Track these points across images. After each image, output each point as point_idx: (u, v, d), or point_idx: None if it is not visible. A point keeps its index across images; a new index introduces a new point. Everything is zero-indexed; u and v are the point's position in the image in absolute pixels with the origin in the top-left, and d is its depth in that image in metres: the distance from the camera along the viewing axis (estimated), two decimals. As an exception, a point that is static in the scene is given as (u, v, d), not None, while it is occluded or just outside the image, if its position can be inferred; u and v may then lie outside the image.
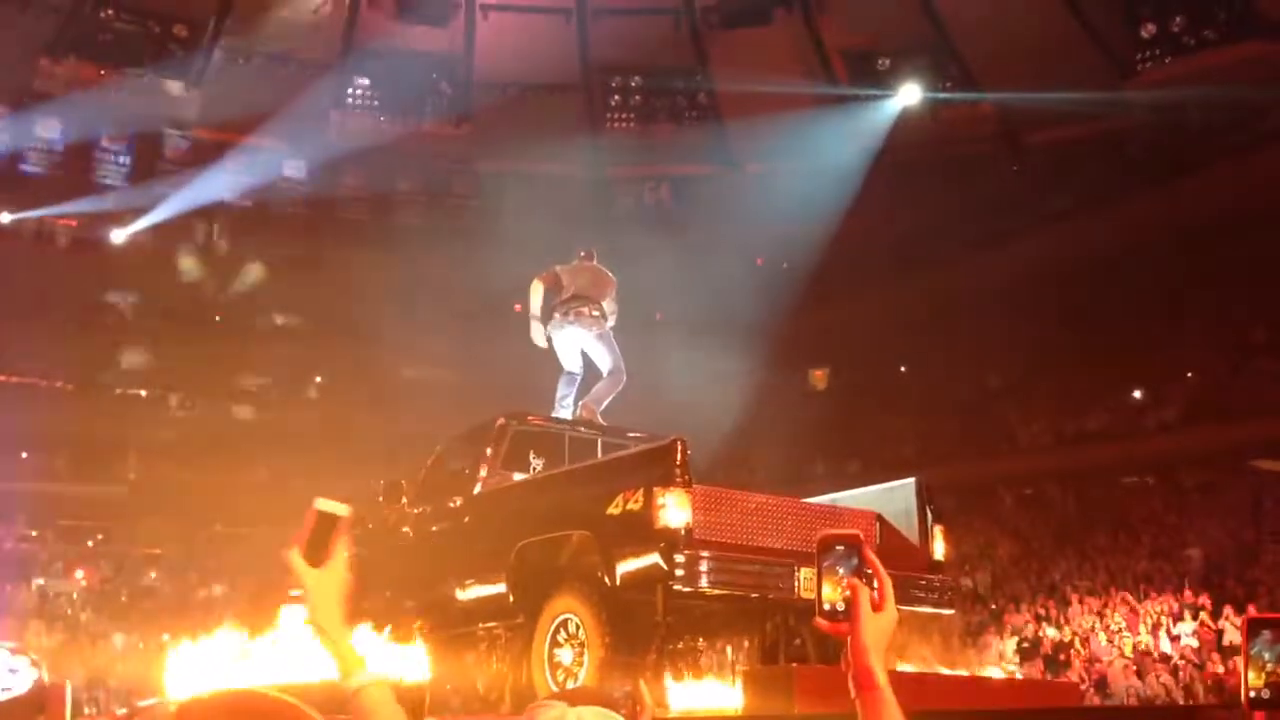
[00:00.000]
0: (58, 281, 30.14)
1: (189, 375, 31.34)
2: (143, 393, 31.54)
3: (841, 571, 1.86)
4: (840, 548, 1.87)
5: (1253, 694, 2.08)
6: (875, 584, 1.87)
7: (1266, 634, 2.07)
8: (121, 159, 29.31)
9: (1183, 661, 16.89)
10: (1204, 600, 18.32)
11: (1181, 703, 15.09)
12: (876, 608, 1.85)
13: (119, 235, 30.36)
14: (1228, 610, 17.58)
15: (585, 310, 9.49)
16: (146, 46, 28.08)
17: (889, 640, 1.85)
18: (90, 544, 29.91)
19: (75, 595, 27.11)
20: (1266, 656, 2.05)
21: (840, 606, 1.85)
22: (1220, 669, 16.10)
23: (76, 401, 30.25)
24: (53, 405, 29.68)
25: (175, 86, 28.44)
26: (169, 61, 28.16)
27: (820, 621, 1.88)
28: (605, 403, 9.24)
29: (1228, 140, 24.86)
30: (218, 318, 32.09)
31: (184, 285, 30.63)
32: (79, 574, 28.13)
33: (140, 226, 29.78)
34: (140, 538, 29.67)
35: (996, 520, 25.43)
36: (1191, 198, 24.53)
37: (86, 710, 17.52)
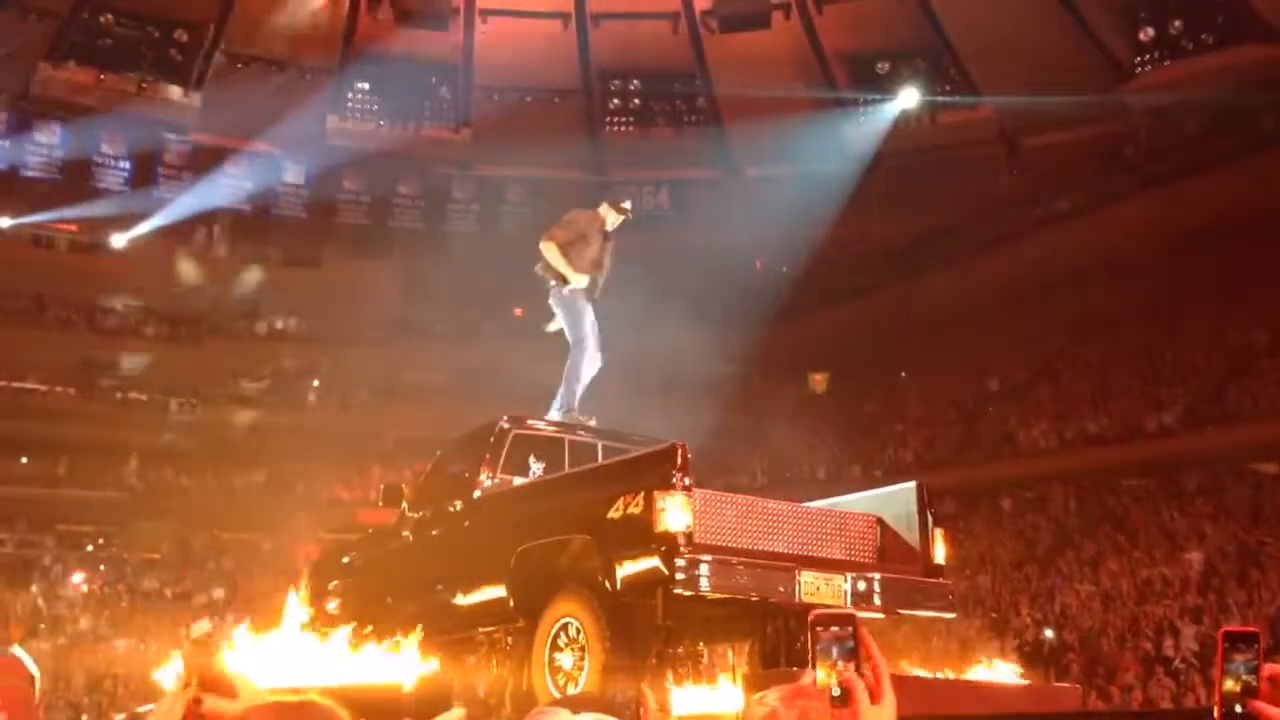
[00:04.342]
0: (57, 286, 30.19)
1: (188, 380, 31.36)
2: (143, 397, 31.54)
3: (835, 653, 1.80)
4: (835, 628, 1.80)
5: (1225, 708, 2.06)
6: (870, 670, 1.79)
7: (1241, 646, 2.05)
8: (121, 164, 29.30)
9: (1184, 665, 16.88)
10: (1205, 603, 18.32)
11: (1184, 706, 15.06)
12: (875, 697, 1.78)
13: (119, 240, 30.39)
14: (1228, 614, 17.58)
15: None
16: (146, 52, 28.09)
17: None
18: (90, 548, 29.89)
19: (75, 599, 27.09)
20: (1242, 671, 2.03)
21: (835, 691, 1.79)
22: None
23: (76, 406, 30.25)
24: (53, 410, 29.69)
25: (175, 91, 28.45)
26: (168, 66, 28.17)
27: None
28: (576, 388, 8.85)
29: (1226, 143, 24.88)
30: (217, 322, 32.10)
31: (183, 290, 30.65)
32: (79, 578, 28.11)
33: (140, 232, 29.80)
34: (140, 542, 29.67)
35: (997, 523, 25.41)
36: (1191, 200, 24.54)
37: (84, 716, 17.55)
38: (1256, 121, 24.68)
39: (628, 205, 9.09)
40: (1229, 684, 2.00)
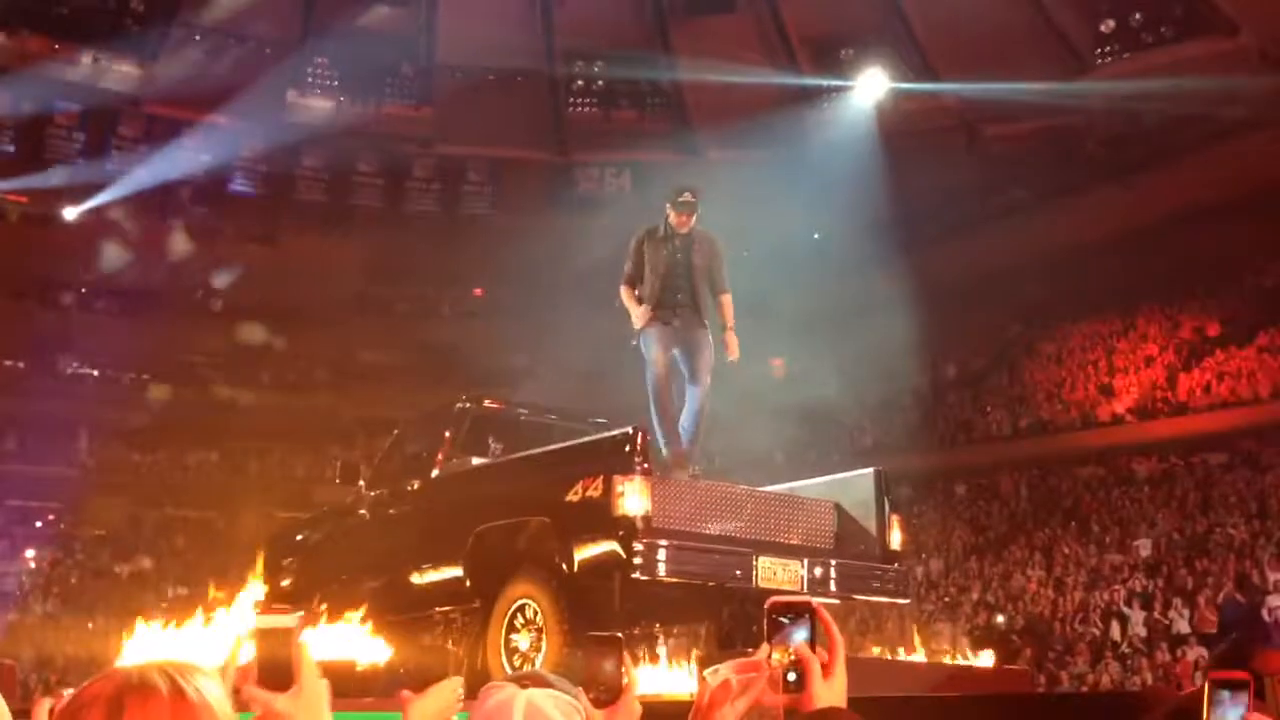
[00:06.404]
0: (8, 258, 29.67)
1: (141, 355, 30.96)
2: (94, 373, 31.10)
3: (790, 639, 1.78)
4: (791, 615, 1.79)
5: None
6: (827, 649, 1.78)
7: (1226, 694, 2.03)
8: (75, 135, 28.79)
9: (1130, 650, 17.14)
10: (1153, 589, 18.59)
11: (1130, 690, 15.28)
12: (827, 672, 1.76)
13: (71, 213, 29.87)
14: (1176, 600, 17.86)
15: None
16: (102, 21, 27.57)
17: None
18: (39, 524, 29.50)
19: (24, 576, 26.76)
20: (1229, 717, 2.01)
21: (791, 676, 1.79)
22: (1168, 658, 16.36)
23: (27, 381, 29.80)
24: (2, 384, 29.25)
25: (131, 62, 27.97)
26: (125, 36, 27.68)
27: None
28: (661, 441, 7.76)
29: (1184, 135, 25.13)
30: (170, 297, 31.67)
31: (137, 264, 30.19)
32: (29, 554, 27.77)
33: (93, 204, 29.30)
34: (90, 519, 29.32)
35: (952, 509, 25.66)
36: (1147, 192, 24.79)
37: (36, 693, 17.34)
38: (1215, 115, 24.95)
39: (685, 195, 8.44)
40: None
